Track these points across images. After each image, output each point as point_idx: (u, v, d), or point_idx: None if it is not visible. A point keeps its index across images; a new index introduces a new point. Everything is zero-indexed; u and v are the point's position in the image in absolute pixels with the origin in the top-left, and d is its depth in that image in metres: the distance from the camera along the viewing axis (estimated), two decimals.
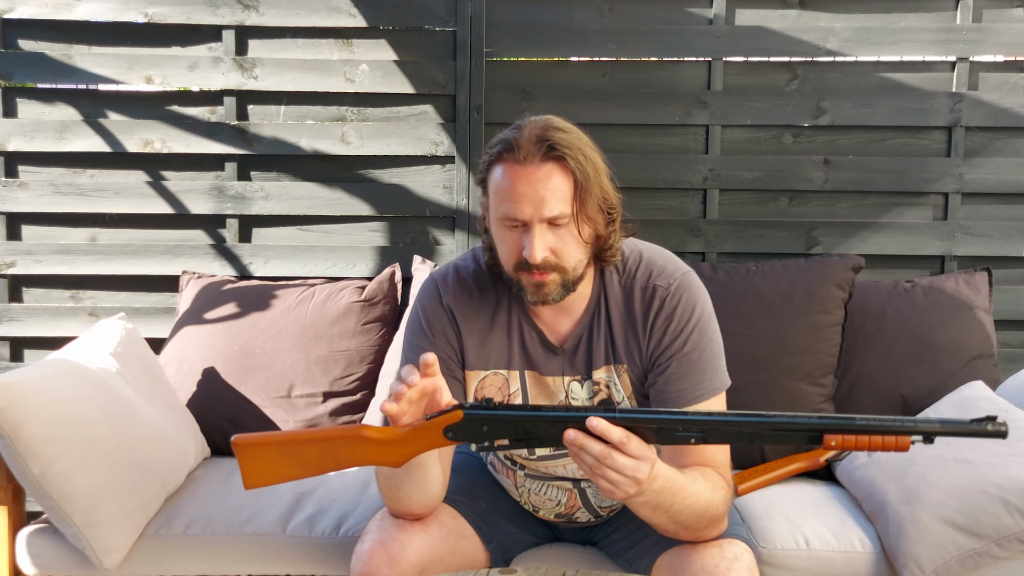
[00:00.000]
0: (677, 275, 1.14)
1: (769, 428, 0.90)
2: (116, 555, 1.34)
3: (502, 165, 1.06)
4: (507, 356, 1.16)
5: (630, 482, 0.91)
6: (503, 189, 1.06)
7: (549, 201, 1.04)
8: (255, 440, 0.94)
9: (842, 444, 0.88)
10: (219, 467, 1.62)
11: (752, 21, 1.91)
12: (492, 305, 1.16)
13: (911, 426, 0.87)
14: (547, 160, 1.04)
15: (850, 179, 1.92)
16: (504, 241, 1.08)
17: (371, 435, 0.93)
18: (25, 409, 1.28)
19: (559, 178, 1.04)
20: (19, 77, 1.92)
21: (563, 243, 1.06)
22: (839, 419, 0.89)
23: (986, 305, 1.73)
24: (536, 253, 1.04)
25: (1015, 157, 1.91)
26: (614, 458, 0.89)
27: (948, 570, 1.28)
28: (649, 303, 1.12)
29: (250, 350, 1.72)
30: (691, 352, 1.11)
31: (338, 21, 1.91)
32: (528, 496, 1.26)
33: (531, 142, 1.05)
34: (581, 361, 1.15)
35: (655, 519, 1.01)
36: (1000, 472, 1.31)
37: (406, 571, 1.07)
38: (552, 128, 1.06)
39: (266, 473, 0.94)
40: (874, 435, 0.87)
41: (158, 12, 1.90)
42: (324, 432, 0.96)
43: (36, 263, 1.95)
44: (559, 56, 1.95)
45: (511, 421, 0.92)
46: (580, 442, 0.90)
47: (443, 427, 0.92)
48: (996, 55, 1.91)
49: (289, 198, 1.95)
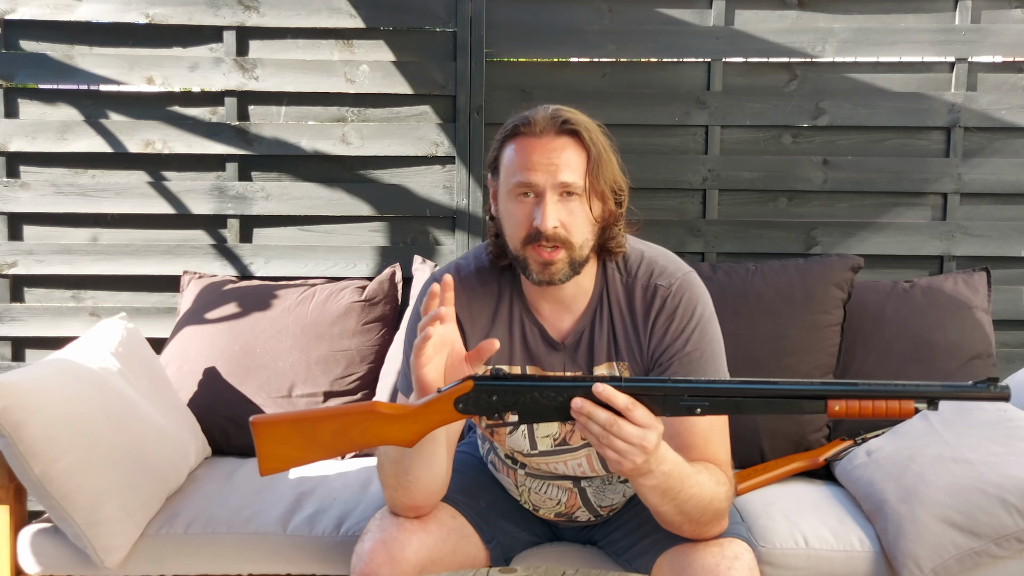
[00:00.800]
0: (679, 275, 1.15)
1: (774, 395, 0.91)
2: (117, 554, 1.34)
3: (516, 140, 1.10)
4: (509, 351, 1.16)
5: (636, 450, 0.91)
6: (517, 160, 1.08)
7: (563, 169, 1.06)
8: (272, 419, 0.95)
9: (846, 410, 0.87)
10: (220, 466, 1.62)
11: (751, 22, 1.92)
12: (494, 301, 1.17)
13: (913, 389, 0.87)
14: (562, 134, 1.08)
15: (849, 179, 1.93)
16: (513, 215, 1.09)
17: (384, 410, 0.95)
18: (27, 408, 1.28)
19: (573, 151, 1.07)
20: (21, 78, 1.93)
21: (573, 216, 1.07)
22: (842, 384, 0.89)
23: (984, 305, 1.73)
24: (548, 221, 1.05)
25: (1013, 157, 1.92)
26: (620, 426, 0.90)
27: (947, 569, 1.28)
28: (651, 302, 1.13)
29: (251, 350, 1.72)
30: (692, 352, 1.11)
31: (338, 22, 1.92)
32: (528, 495, 1.26)
33: (546, 118, 1.08)
34: (583, 357, 1.16)
35: (662, 507, 1.01)
36: (998, 471, 1.31)
37: (407, 570, 1.07)
38: (565, 109, 1.10)
39: (281, 455, 0.94)
40: (877, 399, 0.87)
41: (159, 13, 1.91)
42: (338, 409, 0.97)
43: (38, 263, 1.95)
44: (559, 57, 1.96)
45: (520, 391, 0.93)
46: (587, 410, 0.91)
47: (454, 398, 0.93)
48: (995, 56, 1.92)
49: (290, 198, 1.95)
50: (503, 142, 1.11)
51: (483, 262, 1.19)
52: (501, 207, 1.12)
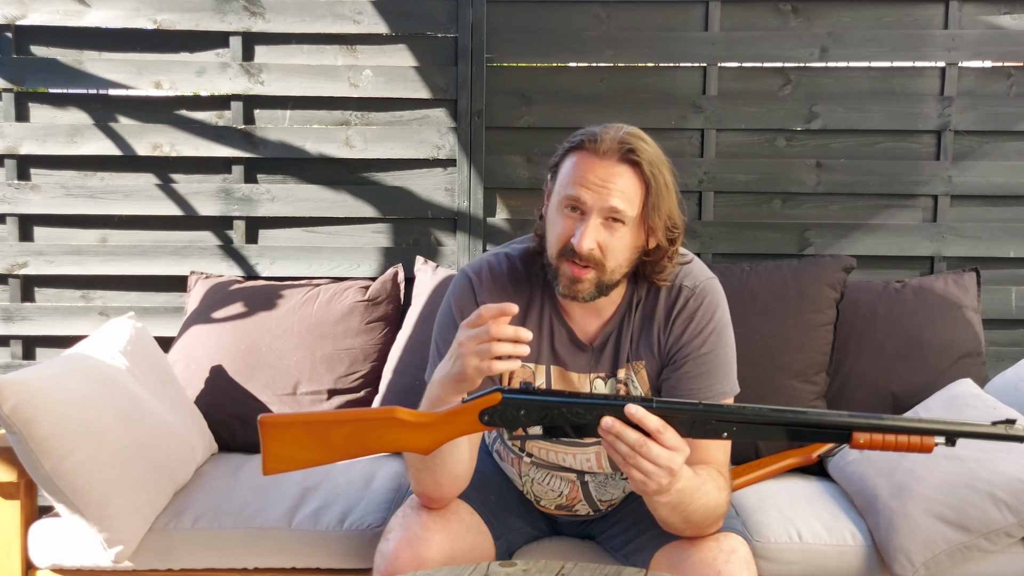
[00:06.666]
0: (703, 278, 1.17)
1: (802, 424, 0.91)
2: (126, 548, 1.35)
3: (579, 153, 1.09)
4: (536, 350, 1.17)
5: (663, 472, 0.91)
6: (574, 173, 1.08)
7: (615, 195, 1.06)
8: (282, 419, 0.90)
9: (870, 442, 0.89)
10: (226, 462, 1.63)
11: (746, 27, 1.94)
12: (525, 300, 1.18)
13: (936, 427, 0.89)
14: (624, 162, 1.07)
15: (842, 182, 1.95)
16: (557, 225, 1.10)
17: (404, 417, 0.90)
18: (37, 406, 1.29)
19: (630, 179, 1.07)
20: (32, 82, 1.96)
21: (613, 241, 1.08)
22: (868, 417, 0.90)
23: (974, 305, 1.74)
24: (585, 243, 1.06)
25: (1003, 160, 1.94)
26: (649, 447, 0.90)
27: (938, 563, 1.29)
28: (674, 300, 1.15)
29: (256, 348, 1.74)
30: (708, 353, 1.13)
31: (342, 28, 1.94)
32: (531, 485, 1.27)
33: (613, 141, 1.07)
34: (608, 360, 1.17)
35: (671, 519, 1.03)
36: (988, 468, 1.32)
37: (430, 568, 1.08)
38: (636, 136, 1.09)
39: (288, 456, 0.89)
40: (900, 434, 0.89)
41: (167, 19, 1.94)
42: (355, 413, 0.92)
43: (48, 264, 1.97)
44: (558, 62, 1.98)
45: (548, 406, 0.91)
46: (617, 430, 0.90)
47: (480, 410, 0.90)
48: (984, 61, 1.94)
49: (295, 200, 1.98)
50: (567, 151, 1.11)
51: (515, 261, 1.19)
52: (549, 212, 1.13)
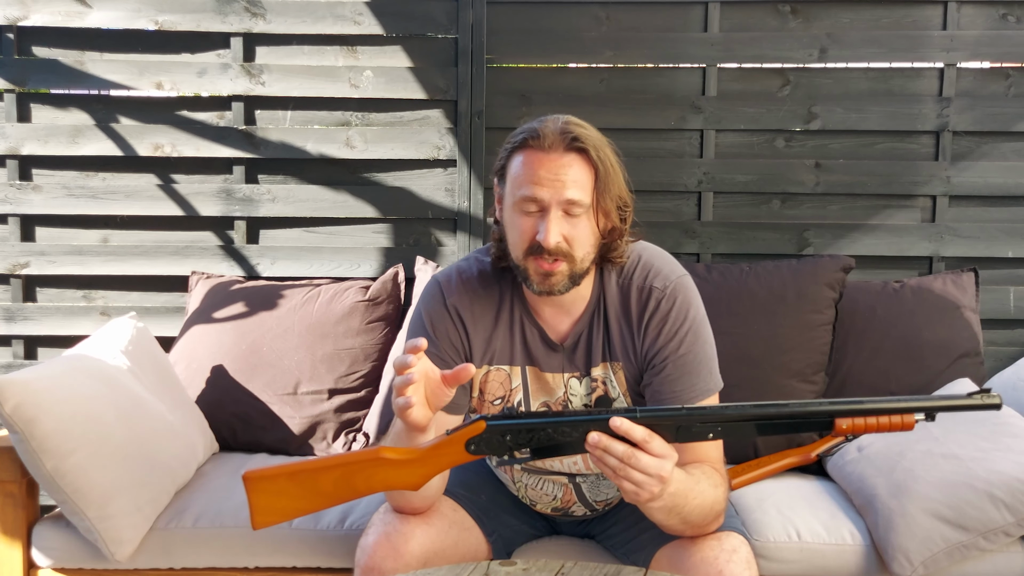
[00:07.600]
0: (673, 278, 1.16)
1: (784, 416, 0.92)
2: (127, 547, 1.36)
3: (524, 152, 1.09)
4: (510, 352, 1.18)
5: (654, 481, 0.91)
6: (524, 173, 1.08)
7: (570, 186, 1.06)
8: (267, 473, 0.88)
9: (852, 427, 0.90)
10: (227, 462, 1.64)
11: (745, 28, 1.94)
12: (496, 303, 1.18)
13: (915, 405, 0.91)
14: (570, 151, 1.08)
15: (841, 182, 1.95)
16: (517, 227, 1.10)
17: (391, 456, 0.91)
18: (39, 405, 1.30)
19: (580, 167, 1.08)
20: (33, 83, 1.96)
21: (576, 231, 1.08)
22: (847, 402, 0.92)
23: (973, 305, 1.75)
24: (551, 237, 1.06)
25: (1001, 160, 1.94)
26: (638, 458, 0.90)
27: (936, 562, 1.30)
28: (645, 304, 1.15)
29: (257, 348, 1.75)
30: (686, 354, 1.13)
31: (343, 29, 1.95)
32: (525, 491, 1.28)
33: (555, 133, 1.08)
34: (580, 358, 1.18)
35: (668, 522, 1.03)
36: (986, 467, 1.33)
37: (410, 563, 1.09)
38: (575, 124, 1.10)
39: (277, 508, 0.89)
40: (881, 415, 0.90)
41: (168, 20, 1.94)
42: (341, 458, 0.91)
43: (50, 264, 1.98)
44: (558, 62, 1.99)
45: (534, 429, 0.91)
46: (604, 444, 0.90)
47: (465, 440, 0.91)
48: (983, 62, 1.94)
49: (295, 200, 1.99)
50: (511, 152, 1.11)
51: (485, 265, 1.20)
52: (506, 216, 1.13)
